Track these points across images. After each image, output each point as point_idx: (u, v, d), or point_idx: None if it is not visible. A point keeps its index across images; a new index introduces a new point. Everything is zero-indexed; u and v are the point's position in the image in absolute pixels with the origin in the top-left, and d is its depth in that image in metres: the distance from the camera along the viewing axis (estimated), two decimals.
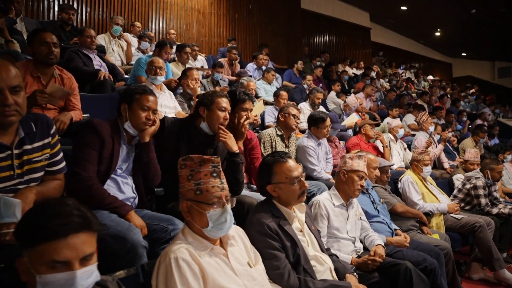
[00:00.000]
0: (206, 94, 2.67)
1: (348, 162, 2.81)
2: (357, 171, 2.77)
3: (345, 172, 2.80)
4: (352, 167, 2.77)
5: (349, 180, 2.78)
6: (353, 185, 2.76)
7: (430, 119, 6.07)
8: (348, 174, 2.79)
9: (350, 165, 2.79)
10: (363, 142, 5.21)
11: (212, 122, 2.54)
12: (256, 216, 2.08)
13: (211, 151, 2.63)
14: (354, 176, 2.76)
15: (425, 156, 4.25)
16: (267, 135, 3.73)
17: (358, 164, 2.79)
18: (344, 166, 2.82)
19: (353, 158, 2.81)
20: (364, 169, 2.78)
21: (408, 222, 3.58)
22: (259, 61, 7.75)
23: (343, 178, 2.80)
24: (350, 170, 2.78)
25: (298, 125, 3.84)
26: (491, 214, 4.31)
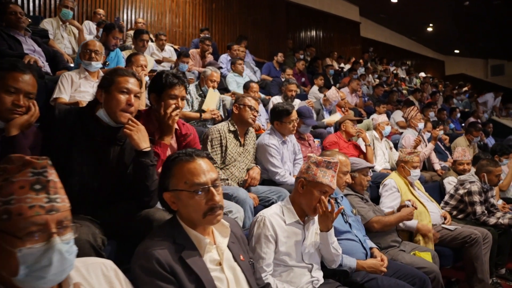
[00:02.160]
0: (105, 73, 2.00)
1: (311, 168, 2.12)
2: (320, 185, 2.08)
3: (304, 181, 2.13)
4: (315, 177, 2.08)
5: (308, 194, 2.10)
6: (311, 201, 2.09)
7: (419, 115, 5.42)
8: (308, 185, 2.11)
9: (312, 173, 2.10)
10: (342, 140, 4.56)
11: (111, 108, 1.87)
12: (146, 243, 1.42)
13: (117, 150, 1.95)
14: (315, 190, 2.08)
15: (414, 157, 3.60)
16: (215, 132, 3.06)
17: (324, 174, 2.09)
18: (305, 173, 2.14)
19: (320, 164, 2.11)
20: (330, 183, 2.09)
21: (388, 237, 2.92)
22: (233, 52, 7.07)
23: (300, 189, 2.13)
24: (312, 181, 2.10)
25: (255, 119, 3.17)
26: (488, 225, 3.68)
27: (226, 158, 3.06)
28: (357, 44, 13.93)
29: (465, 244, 3.26)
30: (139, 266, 1.36)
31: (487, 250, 3.44)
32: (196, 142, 2.61)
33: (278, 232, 2.01)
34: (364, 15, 14.18)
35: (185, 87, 2.41)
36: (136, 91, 1.93)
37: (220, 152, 3.05)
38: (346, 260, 2.28)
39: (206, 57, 6.88)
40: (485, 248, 3.40)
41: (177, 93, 2.34)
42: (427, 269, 2.62)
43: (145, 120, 2.39)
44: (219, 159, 3.04)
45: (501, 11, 12.18)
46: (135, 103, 1.91)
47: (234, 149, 3.10)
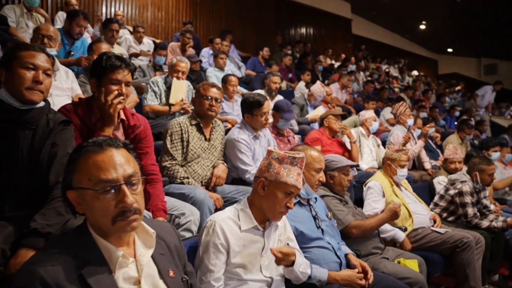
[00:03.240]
0: (6, 48, 1.70)
1: (273, 166, 1.78)
2: (284, 185, 1.75)
3: (265, 181, 1.79)
4: (278, 177, 1.75)
5: (270, 196, 1.77)
6: (273, 205, 1.76)
7: (408, 111, 5.11)
8: (270, 185, 1.77)
9: (275, 171, 1.76)
10: (325, 136, 4.24)
11: (14, 87, 1.56)
12: (35, 257, 1.10)
13: (29, 135, 1.61)
14: (278, 192, 1.75)
15: (402, 155, 3.28)
16: (175, 125, 2.73)
17: (289, 172, 1.75)
18: (266, 172, 1.80)
19: (283, 161, 1.78)
20: (296, 183, 1.76)
21: (369, 243, 2.60)
22: (215, 46, 6.73)
23: (261, 190, 1.79)
24: (274, 180, 1.76)
25: (217, 109, 2.84)
26: (480, 228, 3.38)
27: (188, 154, 2.73)
28: (349, 41, 13.64)
29: (456, 248, 2.95)
30: (20, 285, 1.03)
31: (480, 256, 3.13)
32: (148, 135, 2.28)
33: (230, 240, 1.68)
34: (355, 12, 13.90)
35: (130, 71, 2.09)
36: (45, 67, 1.64)
37: (181, 147, 2.72)
38: (316, 271, 1.95)
39: (186, 50, 6.53)
40: (477, 254, 3.09)
41: (120, 78, 2.02)
42: (411, 279, 2.31)
43: (84, 110, 2.07)
44: (180, 155, 2.71)
45: (494, 8, 11.96)
46: (45, 81, 1.59)
47: (198, 144, 2.77)
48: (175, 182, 2.60)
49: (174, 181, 2.60)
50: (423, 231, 3.07)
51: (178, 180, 2.59)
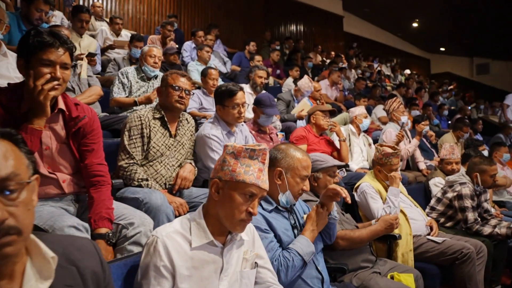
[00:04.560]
0: None
1: (227, 162, 1.42)
2: (242, 185, 1.38)
3: (219, 182, 1.42)
4: (234, 175, 1.39)
5: (226, 200, 1.40)
6: (231, 211, 1.39)
7: (402, 107, 4.78)
8: (226, 187, 1.41)
9: (230, 169, 1.40)
10: (312, 134, 3.88)
11: None
12: None
13: None
14: (235, 194, 1.38)
15: (392, 159, 2.90)
16: (135, 118, 2.34)
17: (248, 169, 1.39)
18: (220, 171, 1.44)
19: (240, 155, 1.42)
20: (257, 181, 1.39)
21: (359, 256, 2.25)
22: (198, 39, 6.35)
23: (215, 194, 1.42)
24: (229, 180, 1.40)
25: (186, 101, 2.47)
26: (482, 235, 3.04)
27: (150, 152, 2.34)
28: (340, 39, 13.32)
29: (455, 260, 2.61)
30: None
31: (482, 267, 2.81)
32: (95, 129, 1.90)
33: (176, 262, 1.31)
34: (347, 9, 13.58)
35: (68, 50, 1.70)
36: None
37: (141, 144, 2.33)
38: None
39: (167, 44, 6.14)
40: (479, 265, 2.77)
41: (54, 58, 1.64)
42: None
43: (10, 97, 1.69)
44: (140, 153, 2.32)
45: (486, 5, 11.71)
46: None
47: (161, 141, 2.39)
48: (132, 184, 2.22)
49: (131, 184, 2.22)
50: (418, 240, 2.73)
51: (135, 183, 2.21)
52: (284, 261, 1.69)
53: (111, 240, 1.70)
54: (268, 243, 1.72)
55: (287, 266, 1.69)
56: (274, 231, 1.79)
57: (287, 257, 1.70)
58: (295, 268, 1.72)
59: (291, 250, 1.73)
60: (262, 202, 1.86)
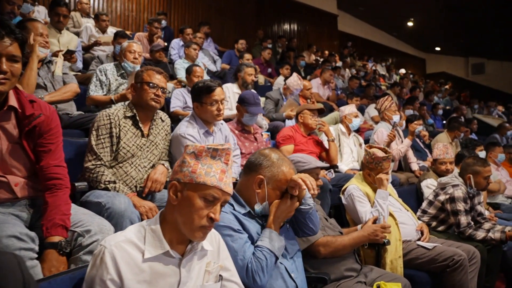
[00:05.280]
0: None
1: (187, 163, 1.29)
2: (203, 187, 1.25)
3: (177, 185, 1.28)
4: (194, 176, 1.25)
5: (185, 205, 1.26)
6: (190, 217, 1.24)
7: (394, 106, 4.63)
8: (184, 190, 1.27)
9: (190, 169, 1.27)
10: (300, 134, 3.73)
11: None
12: None
13: None
14: (195, 197, 1.25)
15: (383, 163, 2.71)
16: (104, 117, 2.18)
17: (209, 170, 1.26)
18: (179, 172, 1.29)
19: (200, 155, 1.29)
20: (220, 183, 1.26)
21: (342, 264, 2.09)
22: (186, 37, 6.19)
23: (173, 198, 1.28)
24: (189, 182, 1.26)
25: (161, 100, 2.31)
26: (475, 240, 2.90)
27: (119, 153, 2.19)
28: (335, 38, 13.19)
29: (446, 268, 2.46)
30: None
31: (475, 274, 2.66)
32: (52, 128, 1.74)
33: (125, 275, 1.16)
34: (342, 8, 13.46)
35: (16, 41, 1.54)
36: None
37: (110, 144, 2.17)
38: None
39: (154, 41, 5.98)
40: (471, 272, 2.61)
41: None
42: None
43: None
44: (108, 154, 2.16)
45: (483, 5, 11.62)
46: None
47: (132, 141, 2.23)
48: (98, 187, 2.05)
49: (97, 186, 2.06)
50: (408, 245, 2.58)
51: (102, 185, 2.05)
52: (257, 263, 1.54)
53: (64, 249, 1.54)
54: (242, 244, 1.57)
55: (262, 267, 1.55)
56: (247, 232, 1.64)
57: (260, 258, 1.55)
58: (270, 267, 1.58)
59: (262, 248, 1.58)
60: (235, 204, 1.71)
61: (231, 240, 1.56)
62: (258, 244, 1.60)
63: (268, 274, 1.55)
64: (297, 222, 1.79)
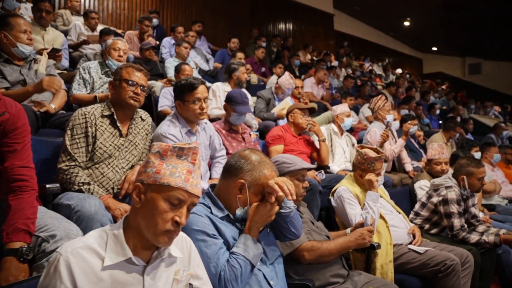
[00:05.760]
0: None
1: (151, 163, 1.20)
2: (167, 189, 1.16)
3: (140, 186, 1.20)
4: (158, 177, 1.17)
5: (148, 207, 1.17)
6: (153, 220, 1.16)
7: (388, 105, 4.54)
8: (148, 192, 1.18)
9: (153, 170, 1.18)
10: (290, 134, 3.64)
11: None
12: None
13: None
14: (158, 199, 1.16)
15: (376, 164, 2.62)
16: (79, 116, 2.09)
17: (174, 170, 1.17)
18: (143, 173, 1.20)
19: (165, 155, 1.20)
20: (185, 185, 1.17)
21: (328, 270, 1.99)
22: (177, 35, 6.08)
23: (137, 201, 1.19)
24: (152, 184, 1.17)
25: (141, 98, 2.21)
26: (469, 243, 2.81)
27: (95, 154, 2.08)
28: (331, 38, 13.10)
29: (438, 273, 2.37)
30: None
31: (468, 278, 2.57)
32: (19, 127, 1.65)
33: (81, 284, 1.07)
34: (338, 7, 13.37)
35: None
36: None
37: (85, 144, 2.07)
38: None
39: (145, 39, 5.88)
40: (464, 276, 2.52)
41: None
42: None
43: None
44: (84, 154, 2.06)
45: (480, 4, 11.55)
46: None
47: (109, 141, 2.13)
48: (72, 189, 1.95)
49: (71, 188, 1.96)
50: (399, 249, 2.48)
51: (76, 187, 1.95)
52: (231, 272, 1.44)
53: (25, 256, 1.44)
54: (216, 251, 1.47)
55: (236, 276, 1.44)
56: (223, 237, 1.53)
57: (234, 266, 1.45)
58: (245, 276, 1.48)
59: (237, 256, 1.48)
60: (212, 207, 1.61)
61: (205, 245, 1.46)
62: (233, 250, 1.49)
63: (242, 283, 1.45)
64: (277, 226, 1.69)
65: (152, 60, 5.21)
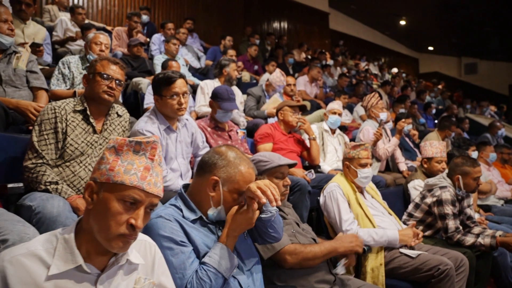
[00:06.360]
0: None
1: (105, 159, 1.08)
2: (120, 187, 1.04)
3: (93, 185, 1.08)
4: (110, 174, 1.05)
5: (100, 208, 1.05)
6: (105, 222, 1.03)
7: (381, 103, 4.41)
8: (101, 191, 1.06)
9: (107, 167, 1.06)
10: (279, 132, 3.51)
11: None
12: None
13: None
14: (111, 199, 1.04)
15: (361, 152, 2.60)
16: (48, 111, 1.95)
17: (130, 167, 1.06)
18: (96, 171, 1.08)
19: (121, 150, 1.08)
20: (141, 183, 1.05)
21: (313, 275, 1.86)
22: (167, 32, 5.94)
23: (89, 201, 1.07)
24: (105, 182, 1.05)
25: (116, 93, 2.08)
26: (464, 246, 2.68)
27: (66, 151, 1.94)
28: (326, 37, 12.98)
29: (431, 278, 2.24)
30: None
31: (463, 283, 2.45)
32: None
33: None
34: (333, 6, 13.25)
35: None
36: None
37: (55, 141, 1.93)
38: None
39: (134, 36, 5.73)
40: (459, 281, 2.41)
41: None
42: None
43: None
44: (53, 152, 1.92)
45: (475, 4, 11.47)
46: None
47: (82, 138, 1.99)
48: (38, 189, 1.81)
49: (37, 188, 1.82)
50: (390, 253, 2.35)
51: (42, 186, 1.81)
52: (198, 285, 1.30)
53: None
54: (184, 260, 1.33)
55: None
56: (193, 244, 1.40)
57: (203, 279, 1.31)
58: None
59: (208, 268, 1.34)
60: (184, 210, 1.48)
61: (171, 254, 1.32)
62: (204, 260, 1.35)
63: None
64: (257, 230, 1.56)
65: (140, 56, 5.07)
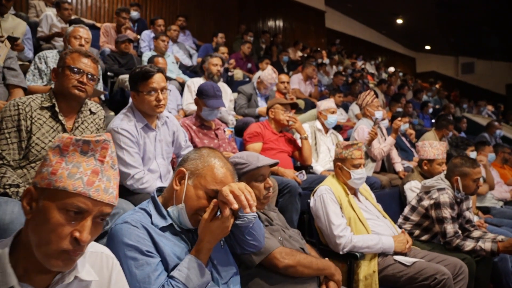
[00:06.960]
0: None
1: (48, 161, 0.91)
2: (63, 194, 0.88)
3: (33, 192, 0.91)
4: (52, 179, 0.89)
5: (38, 219, 0.89)
6: (44, 236, 0.88)
7: (376, 101, 4.26)
8: (40, 199, 0.89)
9: (49, 170, 0.90)
10: (270, 131, 3.35)
11: None
12: None
13: None
14: (51, 209, 0.87)
15: (353, 151, 2.46)
16: (11, 107, 1.78)
17: (75, 170, 0.90)
18: (38, 175, 0.93)
19: (66, 150, 0.92)
20: (88, 190, 0.88)
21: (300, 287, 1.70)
22: (157, 28, 5.77)
23: (27, 212, 0.92)
24: (46, 188, 0.89)
25: (88, 88, 1.91)
26: (463, 251, 2.53)
27: (31, 151, 1.78)
28: (322, 36, 12.82)
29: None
30: None
31: None
32: None
33: None
34: (329, 4, 13.09)
35: None
36: None
37: (18, 140, 1.77)
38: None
39: (122, 32, 5.56)
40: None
41: None
42: None
43: None
44: (15, 151, 1.76)
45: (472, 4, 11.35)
46: None
47: (49, 137, 1.83)
48: None
49: None
50: (384, 260, 2.20)
51: (1, 189, 1.65)
52: None
53: None
54: (149, 273, 1.17)
55: None
56: (161, 254, 1.24)
57: None
58: None
59: (176, 283, 1.18)
60: (154, 215, 1.32)
61: (135, 265, 1.16)
62: (172, 274, 1.19)
63: None
64: (234, 238, 1.40)
65: (128, 53, 4.90)
